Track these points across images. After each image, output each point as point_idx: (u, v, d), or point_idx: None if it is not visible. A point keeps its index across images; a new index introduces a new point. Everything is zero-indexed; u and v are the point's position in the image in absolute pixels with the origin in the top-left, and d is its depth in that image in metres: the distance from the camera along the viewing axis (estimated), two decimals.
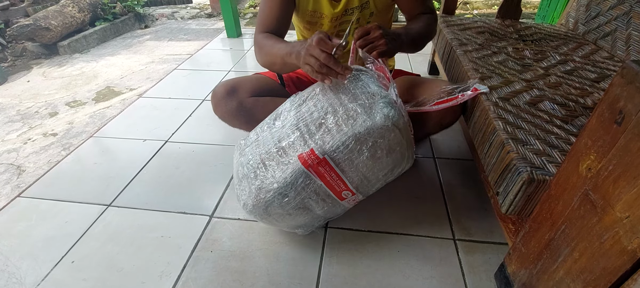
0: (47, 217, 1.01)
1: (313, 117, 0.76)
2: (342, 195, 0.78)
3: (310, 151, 0.71)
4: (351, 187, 0.77)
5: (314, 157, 0.71)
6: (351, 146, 0.70)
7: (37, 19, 2.33)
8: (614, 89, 0.42)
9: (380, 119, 0.69)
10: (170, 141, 1.33)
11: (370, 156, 0.72)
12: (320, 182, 0.74)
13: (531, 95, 0.85)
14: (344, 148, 0.70)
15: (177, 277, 0.82)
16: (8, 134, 1.51)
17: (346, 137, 0.69)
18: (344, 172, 0.74)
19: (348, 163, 0.73)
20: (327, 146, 0.71)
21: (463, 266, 0.84)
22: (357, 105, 0.71)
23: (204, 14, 3.40)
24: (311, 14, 0.98)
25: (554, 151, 0.66)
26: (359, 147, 0.70)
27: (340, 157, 0.71)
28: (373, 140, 0.70)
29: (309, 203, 0.77)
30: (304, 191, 0.75)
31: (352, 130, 0.69)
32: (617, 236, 0.42)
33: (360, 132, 0.69)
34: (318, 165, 0.72)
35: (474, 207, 1.00)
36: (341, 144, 0.70)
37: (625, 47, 1.10)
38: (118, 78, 2.01)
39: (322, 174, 0.73)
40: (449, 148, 1.26)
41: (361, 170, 0.74)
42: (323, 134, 0.72)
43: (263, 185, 0.75)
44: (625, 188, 0.41)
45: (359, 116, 0.70)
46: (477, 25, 1.35)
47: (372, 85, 0.74)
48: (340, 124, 0.71)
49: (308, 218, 0.82)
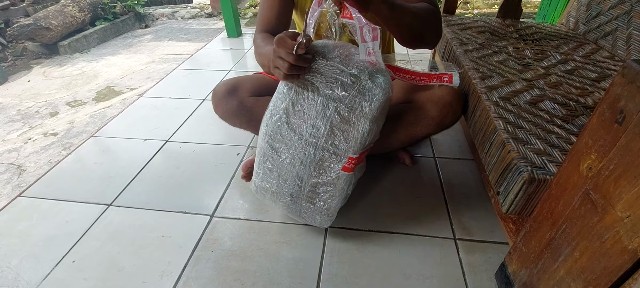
0: (48, 216, 1.01)
1: (321, 129, 0.74)
2: (369, 149, 0.83)
3: (348, 160, 0.76)
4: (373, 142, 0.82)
5: (354, 160, 0.77)
6: (373, 129, 0.75)
7: (38, 18, 2.34)
8: (615, 88, 0.42)
9: (380, 95, 0.71)
10: (171, 141, 1.33)
11: (382, 119, 0.78)
12: (359, 164, 0.82)
13: (532, 95, 0.85)
14: (369, 135, 0.74)
15: (177, 276, 0.82)
16: (9, 134, 1.51)
17: (366, 127, 0.73)
18: (370, 142, 0.79)
19: (375, 135, 0.79)
20: (357, 145, 0.75)
21: (464, 265, 0.84)
22: (351, 93, 0.70)
23: (204, 14, 3.40)
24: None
25: (554, 150, 0.67)
26: (379, 121, 0.76)
27: (369, 141, 0.76)
28: (385, 109, 0.75)
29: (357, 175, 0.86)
30: (354, 179, 0.84)
31: (364, 120, 0.72)
32: (618, 235, 0.42)
33: (373, 115, 0.72)
34: (359, 160, 0.79)
35: (475, 206, 1.00)
36: (365, 135, 0.73)
37: (625, 46, 1.10)
38: (118, 78, 2.01)
39: (359, 160, 0.79)
40: (450, 147, 1.26)
41: (379, 130, 0.80)
42: (345, 139, 0.75)
43: (333, 205, 0.84)
44: (626, 188, 0.41)
45: (358, 104, 0.71)
46: (477, 25, 1.35)
47: (348, 66, 0.70)
48: (349, 120, 0.72)
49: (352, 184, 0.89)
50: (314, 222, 0.88)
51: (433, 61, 1.80)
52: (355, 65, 0.71)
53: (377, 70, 0.71)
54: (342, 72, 0.70)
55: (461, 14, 3.13)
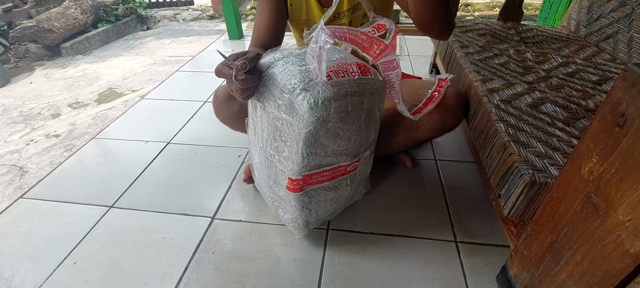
0: (50, 218, 1.01)
1: (270, 143, 0.73)
2: (348, 169, 0.77)
3: (289, 181, 0.72)
4: (348, 161, 0.74)
5: (296, 181, 0.71)
6: (310, 151, 0.67)
7: (40, 20, 2.35)
8: (616, 91, 0.42)
9: (308, 116, 0.62)
10: (172, 143, 1.34)
11: (332, 137, 0.67)
12: (322, 183, 0.75)
13: (533, 98, 0.85)
14: (307, 157, 0.67)
15: (178, 278, 0.82)
16: (11, 135, 1.52)
17: (300, 150, 0.66)
18: (329, 163, 0.72)
19: (324, 158, 0.70)
20: (295, 167, 0.69)
21: (465, 268, 0.83)
22: (286, 113, 0.65)
23: (206, 16, 3.41)
24: (305, 22, 0.98)
25: (555, 153, 0.66)
26: (317, 145, 0.67)
27: (312, 163, 0.69)
28: (323, 130, 0.65)
29: (334, 195, 0.80)
30: (319, 196, 0.78)
31: (297, 143, 0.66)
32: (620, 239, 0.42)
33: (306, 138, 0.65)
34: (306, 182, 0.72)
35: (476, 209, 1.00)
36: (301, 158, 0.67)
37: (627, 49, 1.10)
38: (120, 79, 2.02)
39: (316, 180, 0.73)
40: (451, 150, 1.26)
41: (340, 149, 0.70)
42: (286, 159, 0.71)
43: (291, 217, 0.81)
44: (627, 191, 0.41)
45: (294, 124, 0.65)
46: (478, 28, 1.35)
47: (286, 79, 0.65)
48: (289, 141, 0.68)
49: (346, 197, 0.85)
50: (288, 226, 0.87)
51: (434, 63, 1.81)
52: (293, 79, 0.64)
53: (311, 83, 0.63)
54: (282, 88, 0.65)
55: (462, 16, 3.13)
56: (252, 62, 0.65)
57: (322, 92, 0.61)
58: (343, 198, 0.85)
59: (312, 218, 0.83)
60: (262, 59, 0.71)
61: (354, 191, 0.88)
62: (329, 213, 0.87)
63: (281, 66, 0.67)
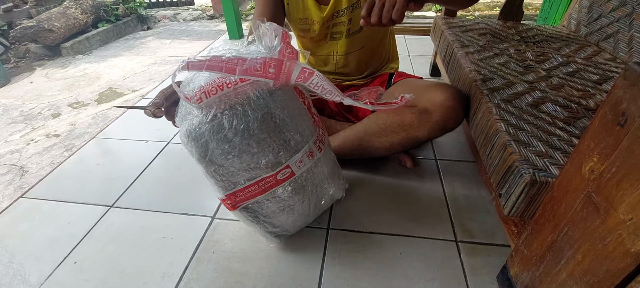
0: (50, 217, 1.01)
1: None
2: (278, 178, 0.70)
3: (220, 200, 0.74)
4: (270, 172, 0.69)
5: (224, 201, 0.73)
6: (217, 173, 0.67)
7: (40, 20, 2.35)
8: (617, 90, 0.42)
9: (188, 146, 0.65)
10: (173, 142, 1.34)
11: (225, 156, 0.65)
12: (255, 197, 0.72)
13: (533, 97, 0.85)
14: (218, 179, 0.68)
15: (179, 278, 0.82)
16: (11, 135, 1.52)
17: (205, 173, 0.68)
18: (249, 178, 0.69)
19: (235, 176, 0.68)
20: (215, 188, 0.71)
21: (465, 268, 0.83)
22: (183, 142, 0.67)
23: (206, 16, 3.42)
24: (302, 21, 0.99)
25: (556, 153, 0.66)
26: (217, 167, 0.67)
27: (228, 182, 0.69)
28: (210, 153, 0.64)
29: (282, 204, 0.76)
30: (264, 208, 0.76)
31: (197, 162, 0.67)
32: (621, 238, 0.42)
33: (200, 164, 0.67)
34: (235, 200, 0.72)
35: (476, 208, 1.00)
36: (214, 181, 0.69)
37: (627, 48, 1.09)
38: (120, 79, 2.02)
39: (245, 196, 0.71)
40: (451, 149, 1.26)
41: (247, 164, 0.67)
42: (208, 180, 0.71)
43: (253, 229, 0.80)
44: (628, 191, 0.41)
45: (189, 145, 0.66)
46: (478, 27, 1.35)
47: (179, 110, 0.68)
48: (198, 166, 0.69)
49: (306, 201, 0.80)
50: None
51: (434, 63, 1.81)
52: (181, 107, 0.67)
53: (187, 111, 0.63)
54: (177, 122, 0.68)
55: (462, 16, 3.13)
56: (170, 97, 0.68)
57: (194, 118, 0.62)
58: (300, 204, 0.78)
59: (277, 229, 0.81)
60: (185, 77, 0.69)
61: (314, 193, 0.80)
62: (297, 219, 0.82)
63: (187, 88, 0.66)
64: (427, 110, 0.91)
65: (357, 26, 1.00)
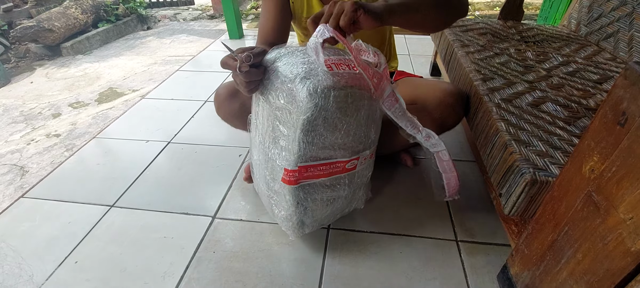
0: (51, 217, 1.01)
1: (269, 135, 0.73)
2: (346, 167, 0.75)
3: (284, 171, 0.71)
4: (346, 158, 0.73)
5: (291, 172, 0.70)
6: (308, 140, 0.66)
7: (41, 20, 2.35)
8: (617, 90, 0.42)
9: (306, 102, 0.62)
10: (173, 142, 1.34)
11: (330, 127, 0.66)
12: (319, 179, 0.74)
13: (534, 97, 0.85)
14: (304, 146, 0.67)
15: (179, 277, 0.83)
16: (11, 135, 1.52)
17: (297, 137, 0.66)
18: (326, 157, 0.71)
19: (321, 149, 0.69)
20: (292, 157, 0.69)
21: (466, 267, 0.83)
22: (286, 101, 0.66)
23: (206, 16, 3.41)
24: (306, 20, 0.99)
25: (556, 152, 0.67)
26: (314, 134, 0.66)
27: (309, 154, 0.68)
28: (321, 118, 0.64)
29: (331, 194, 0.78)
30: (315, 193, 0.76)
31: (295, 131, 0.66)
32: (621, 237, 0.42)
33: (304, 125, 0.64)
34: (302, 174, 0.71)
35: (477, 208, 1.00)
36: (298, 146, 0.67)
37: (627, 48, 1.10)
38: (121, 79, 2.02)
39: (312, 174, 0.72)
40: (451, 149, 1.26)
41: (338, 141, 0.69)
42: (283, 149, 0.71)
43: (286, 215, 0.79)
44: (628, 190, 0.41)
45: (292, 112, 0.65)
46: (479, 27, 1.35)
47: (289, 70, 0.66)
48: (287, 129, 0.68)
49: (344, 200, 0.82)
50: (283, 227, 0.85)
51: (434, 63, 1.81)
52: (294, 69, 0.66)
53: (311, 73, 0.64)
54: (283, 78, 0.66)
55: None
56: (258, 57, 0.66)
57: (322, 80, 0.63)
58: (340, 200, 0.82)
59: (308, 219, 0.81)
60: (268, 54, 0.72)
61: (352, 195, 0.85)
62: (325, 217, 0.85)
63: (285, 60, 0.68)
64: (426, 108, 0.91)
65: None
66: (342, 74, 0.65)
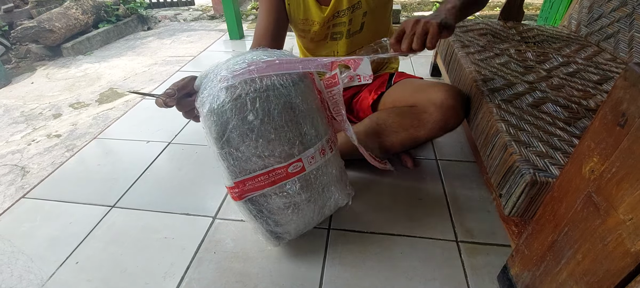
0: (51, 217, 1.01)
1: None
2: (289, 171, 0.71)
3: (227, 189, 0.72)
4: (282, 163, 0.69)
5: (232, 189, 0.70)
6: (227, 155, 0.66)
7: (41, 21, 2.35)
8: (617, 91, 0.42)
9: (207, 122, 0.64)
10: (174, 143, 1.34)
11: (242, 137, 0.65)
12: (263, 189, 0.71)
13: (534, 97, 0.85)
14: (228, 162, 0.67)
15: (180, 278, 0.83)
16: (12, 135, 1.52)
17: (218, 155, 0.67)
18: (260, 166, 0.68)
19: (247, 162, 0.67)
20: (225, 173, 0.69)
21: (466, 268, 0.84)
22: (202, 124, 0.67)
23: (207, 16, 3.42)
24: (303, 22, 0.99)
25: (556, 153, 0.67)
26: (230, 148, 0.65)
27: (239, 168, 0.68)
28: (226, 133, 0.64)
29: (287, 201, 0.75)
30: (269, 204, 0.75)
31: (214, 149, 0.67)
32: (621, 238, 0.42)
33: (216, 142, 0.65)
34: (242, 189, 0.70)
35: (477, 208, 1.00)
36: (225, 164, 0.67)
37: (628, 48, 1.10)
38: (121, 80, 2.02)
39: (254, 187, 0.70)
40: (452, 150, 1.26)
41: (261, 150, 0.67)
42: (220, 167, 0.70)
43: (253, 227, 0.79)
44: (628, 191, 0.41)
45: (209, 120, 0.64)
46: (479, 27, 1.35)
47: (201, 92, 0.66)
48: (212, 149, 0.68)
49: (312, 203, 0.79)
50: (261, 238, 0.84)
51: (434, 63, 1.81)
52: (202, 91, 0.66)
53: (210, 92, 0.64)
54: (197, 102, 0.67)
55: None
56: (183, 89, 0.67)
57: (216, 97, 0.62)
58: (305, 204, 0.78)
59: (279, 229, 0.80)
60: (198, 78, 0.70)
61: (320, 196, 0.80)
62: (303, 223, 0.82)
63: (205, 81, 0.67)
64: (427, 110, 0.91)
65: (357, 26, 1.00)
66: (240, 83, 0.63)
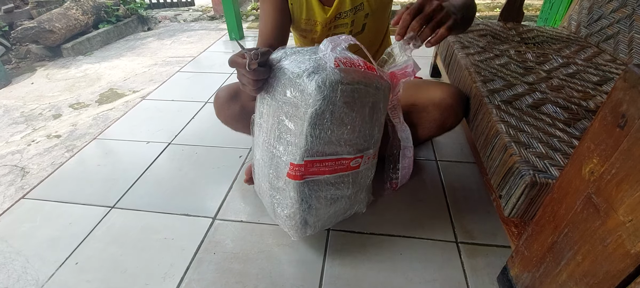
0: (51, 218, 1.01)
1: (274, 132, 0.74)
2: (351, 165, 0.76)
3: (290, 166, 0.71)
4: (351, 155, 0.74)
5: (297, 167, 0.70)
6: (315, 134, 0.67)
7: (41, 21, 2.35)
8: (617, 92, 0.42)
9: (315, 95, 0.64)
10: (174, 143, 1.34)
11: (337, 122, 0.68)
12: (324, 175, 0.74)
13: (534, 98, 0.85)
14: (311, 140, 0.68)
15: (180, 278, 0.83)
16: (12, 136, 1.52)
17: (305, 131, 0.67)
18: (332, 152, 0.72)
19: (327, 144, 0.70)
20: (299, 151, 0.69)
21: (466, 269, 0.84)
22: (293, 95, 0.67)
23: (207, 17, 3.42)
24: (305, 22, 0.99)
25: (556, 154, 0.67)
26: (321, 127, 0.67)
27: (315, 148, 0.69)
28: (328, 112, 0.66)
29: (335, 193, 0.78)
30: (320, 191, 0.76)
31: (303, 124, 0.67)
32: (620, 239, 0.42)
33: (311, 118, 0.66)
34: (307, 169, 0.71)
35: (477, 209, 1.00)
36: (305, 140, 0.68)
37: (627, 50, 1.10)
38: (121, 80, 2.02)
39: (318, 170, 0.72)
40: (452, 150, 1.26)
41: (343, 137, 0.71)
42: (289, 144, 0.71)
43: (289, 213, 0.78)
44: (628, 192, 0.41)
45: (300, 106, 0.66)
46: (479, 28, 1.35)
47: (295, 67, 0.68)
48: (294, 124, 0.69)
49: (347, 200, 0.82)
50: (285, 228, 0.84)
51: (434, 64, 1.81)
52: (302, 64, 0.67)
53: (320, 68, 0.66)
54: (291, 74, 0.68)
55: None
56: (265, 55, 0.67)
57: (330, 74, 0.65)
58: (343, 200, 0.82)
59: (311, 218, 0.80)
60: (273, 54, 0.73)
61: (355, 196, 0.85)
62: (328, 218, 0.85)
63: (292, 58, 0.70)
64: (426, 109, 0.91)
65: (359, 27, 1.00)
66: (349, 70, 0.67)
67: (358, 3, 0.94)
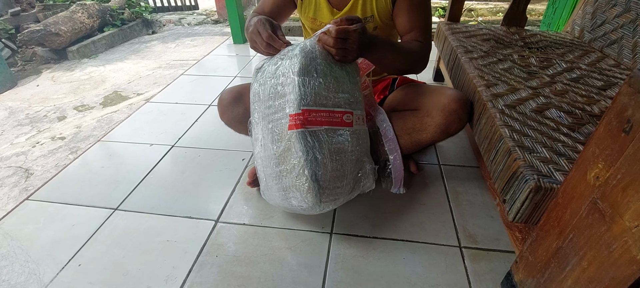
0: (55, 220, 1.02)
1: (271, 103, 0.83)
2: (344, 119, 0.83)
3: (290, 118, 0.78)
4: (342, 109, 0.83)
5: (296, 116, 0.78)
6: (305, 82, 0.78)
7: (47, 24, 2.38)
8: (622, 97, 0.42)
9: (299, 52, 0.80)
10: (177, 146, 1.34)
11: (322, 75, 0.80)
12: (321, 126, 0.80)
13: (537, 103, 0.85)
14: (303, 88, 0.78)
15: (182, 281, 0.83)
16: (17, 137, 1.53)
17: (296, 83, 0.78)
18: (324, 104, 0.81)
19: (318, 95, 0.80)
20: (295, 101, 0.78)
21: (469, 274, 0.83)
22: (284, 62, 0.82)
23: (211, 20, 3.44)
24: (311, 19, 0.99)
25: (561, 159, 0.66)
26: (309, 77, 0.79)
27: (309, 97, 0.79)
28: (313, 66, 0.79)
29: (338, 140, 0.83)
30: (322, 141, 0.80)
31: (294, 77, 0.78)
32: (627, 245, 0.42)
33: (300, 68, 0.78)
34: (306, 118, 0.78)
35: (480, 214, 1.00)
36: (298, 89, 0.78)
37: (631, 55, 1.09)
38: (125, 83, 2.04)
39: (315, 120, 0.79)
40: (455, 155, 1.26)
41: (330, 88, 0.81)
42: (286, 103, 0.80)
43: (298, 172, 0.80)
44: (634, 198, 0.41)
45: (289, 66, 0.80)
46: (482, 33, 1.35)
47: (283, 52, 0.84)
48: (288, 81, 0.80)
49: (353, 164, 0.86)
50: (303, 205, 0.83)
51: (437, 68, 1.81)
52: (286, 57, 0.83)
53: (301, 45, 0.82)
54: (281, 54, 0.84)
55: (465, 21, 3.13)
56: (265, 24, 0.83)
57: (310, 42, 0.82)
58: (348, 160, 0.83)
59: (320, 172, 0.79)
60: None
61: (359, 160, 0.86)
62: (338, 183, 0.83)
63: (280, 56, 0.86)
64: (430, 114, 0.91)
65: None
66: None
67: (368, 14, 0.95)
